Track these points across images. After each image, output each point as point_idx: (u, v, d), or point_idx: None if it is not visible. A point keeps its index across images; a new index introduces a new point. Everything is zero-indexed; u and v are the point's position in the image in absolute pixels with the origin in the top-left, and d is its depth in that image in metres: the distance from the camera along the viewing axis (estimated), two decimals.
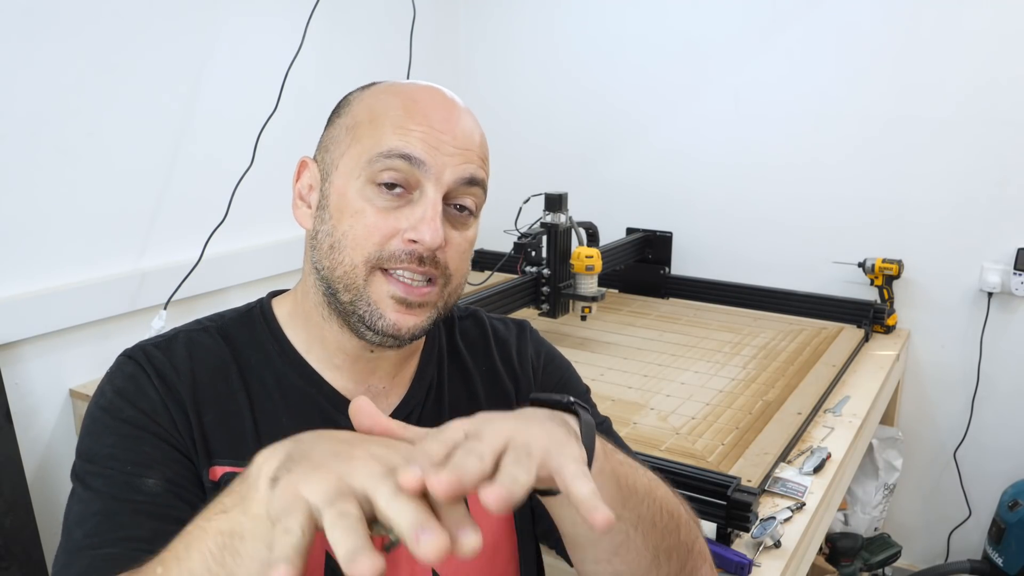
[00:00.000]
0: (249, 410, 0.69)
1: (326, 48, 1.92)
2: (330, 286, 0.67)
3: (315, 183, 0.70)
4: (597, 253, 1.69)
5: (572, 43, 2.28)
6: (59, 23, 1.41)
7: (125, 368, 0.70)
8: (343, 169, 0.66)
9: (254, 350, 0.72)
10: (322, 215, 0.68)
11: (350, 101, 0.70)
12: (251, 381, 0.71)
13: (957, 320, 1.92)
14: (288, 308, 0.75)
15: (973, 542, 2.00)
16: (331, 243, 0.66)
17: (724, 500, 1.02)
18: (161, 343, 0.72)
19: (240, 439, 0.68)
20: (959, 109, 1.82)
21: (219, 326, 0.74)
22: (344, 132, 0.68)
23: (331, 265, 0.66)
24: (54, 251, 1.47)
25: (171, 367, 0.69)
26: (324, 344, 0.71)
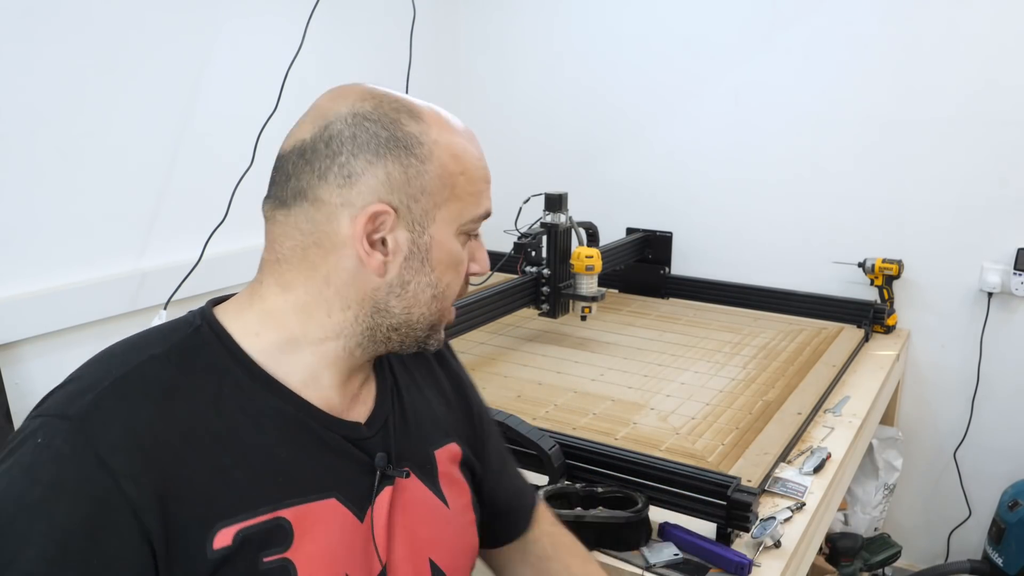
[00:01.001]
0: (240, 452, 0.62)
1: (326, 48, 1.92)
2: (412, 328, 0.69)
3: (393, 228, 0.65)
4: (597, 253, 1.69)
5: (572, 43, 2.28)
6: (59, 23, 1.41)
7: (59, 446, 0.55)
8: (442, 223, 0.67)
9: (220, 378, 0.63)
10: (418, 267, 0.67)
11: (422, 141, 0.66)
12: (229, 417, 0.62)
13: (957, 320, 1.92)
14: (251, 327, 0.67)
15: (973, 542, 2.00)
16: (434, 294, 0.69)
17: (724, 500, 1.02)
18: (108, 394, 0.59)
19: (244, 488, 0.61)
20: (959, 110, 1.82)
21: (167, 351, 0.63)
22: (438, 183, 0.66)
23: (428, 312, 0.69)
24: (54, 251, 1.47)
25: (131, 439, 0.57)
26: (325, 366, 0.68)
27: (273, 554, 0.61)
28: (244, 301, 0.69)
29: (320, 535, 0.64)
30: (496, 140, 2.47)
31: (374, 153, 0.64)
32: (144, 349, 0.64)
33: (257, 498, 0.61)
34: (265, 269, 0.68)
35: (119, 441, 0.56)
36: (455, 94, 2.48)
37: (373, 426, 0.72)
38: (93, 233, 1.52)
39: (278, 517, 0.62)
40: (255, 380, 0.65)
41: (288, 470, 0.64)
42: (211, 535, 0.59)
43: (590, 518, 1.04)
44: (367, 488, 0.69)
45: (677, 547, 1.04)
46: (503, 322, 1.85)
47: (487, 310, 1.61)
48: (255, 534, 0.60)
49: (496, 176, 0.75)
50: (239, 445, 0.62)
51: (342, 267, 0.66)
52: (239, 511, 0.60)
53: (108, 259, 1.56)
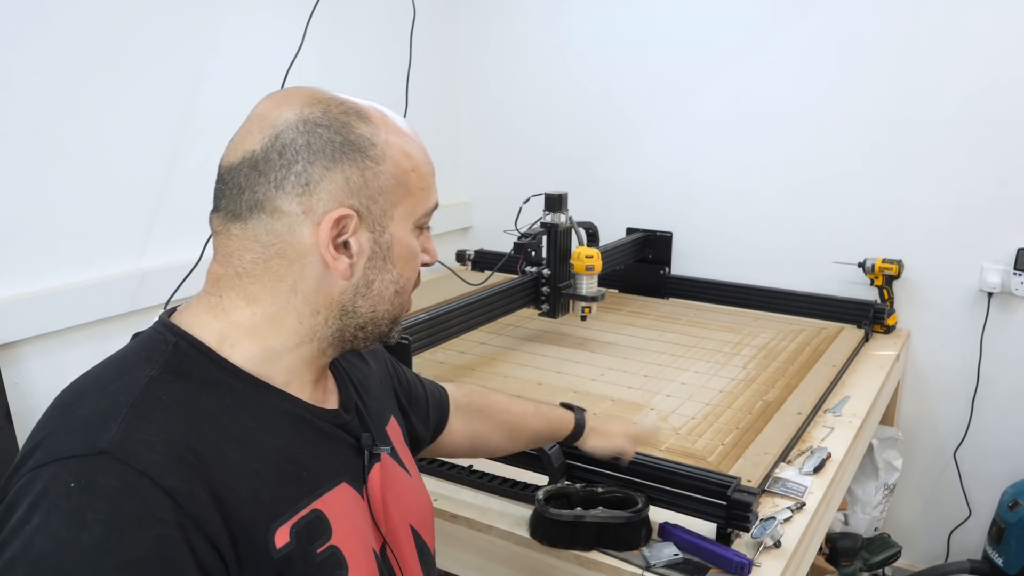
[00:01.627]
0: (264, 455, 0.63)
1: (326, 48, 1.92)
2: (377, 326, 0.71)
3: (356, 230, 0.66)
4: (597, 253, 1.69)
5: (572, 44, 2.28)
6: (59, 23, 1.41)
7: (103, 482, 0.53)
8: (399, 220, 0.69)
9: (219, 389, 0.64)
10: (381, 265, 0.69)
11: (374, 143, 0.66)
12: (243, 423, 0.63)
13: (957, 320, 1.92)
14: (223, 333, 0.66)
15: (973, 542, 2.00)
16: (396, 290, 0.70)
17: (724, 500, 1.02)
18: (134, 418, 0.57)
19: (280, 487, 0.63)
20: (959, 110, 1.82)
21: (162, 372, 0.62)
22: (392, 182, 0.67)
23: (391, 308, 0.71)
24: (54, 251, 1.47)
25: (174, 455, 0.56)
26: (301, 365, 0.69)
27: (322, 544, 0.64)
28: (206, 315, 0.66)
29: (347, 518, 0.68)
30: (496, 140, 2.47)
31: (330, 159, 0.64)
32: (135, 373, 0.61)
33: (293, 494, 0.64)
34: (223, 283, 0.66)
35: (165, 461, 0.55)
36: (455, 94, 2.48)
37: (348, 411, 0.75)
38: (93, 233, 1.52)
39: (315, 509, 0.65)
40: (248, 385, 0.65)
41: (307, 463, 0.66)
42: (271, 535, 0.60)
43: (590, 518, 1.04)
44: (360, 468, 0.73)
45: (677, 547, 1.04)
46: (503, 322, 1.85)
47: (487, 310, 1.61)
48: (303, 528, 0.63)
49: (496, 176, 0.76)
50: (260, 448, 0.63)
51: (308, 274, 0.66)
52: (285, 509, 0.62)
53: (108, 259, 1.56)
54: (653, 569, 1.01)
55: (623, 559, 1.03)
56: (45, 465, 0.54)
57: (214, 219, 0.67)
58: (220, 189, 0.67)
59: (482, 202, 2.54)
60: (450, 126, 2.48)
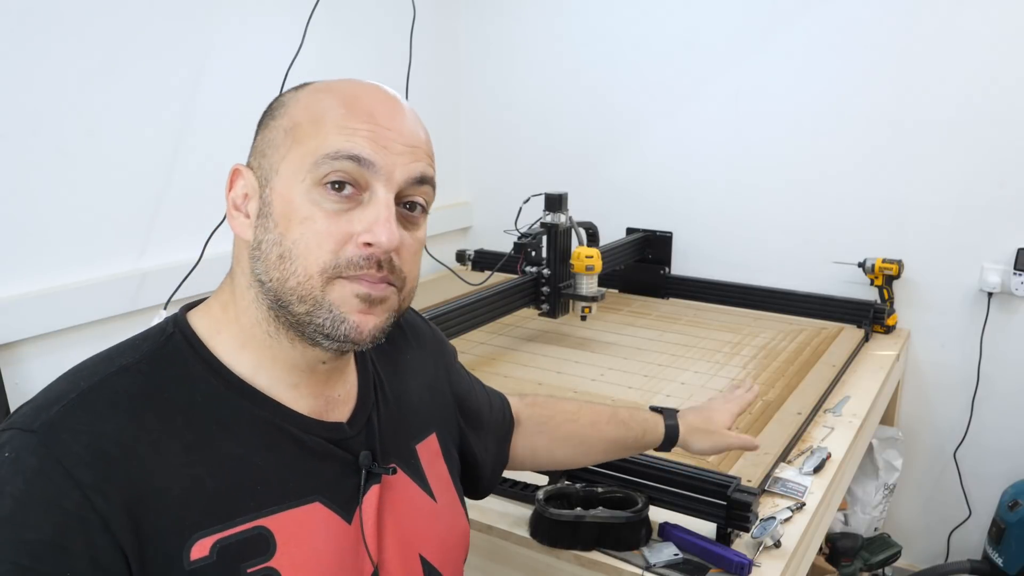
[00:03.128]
0: (214, 462, 0.60)
1: (326, 48, 1.92)
2: (280, 299, 0.62)
3: (252, 191, 0.65)
4: (597, 253, 1.69)
5: (572, 43, 2.28)
6: (59, 23, 1.41)
7: (26, 459, 0.54)
8: (285, 173, 0.62)
9: (194, 386, 0.62)
10: (265, 223, 0.63)
11: (284, 102, 0.66)
12: (203, 426, 0.61)
13: (957, 320, 1.92)
14: (217, 327, 0.65)
15: (973, 542, 2.00)
16: (280, 253, 0.61)
17: (724, 500, 1.02)
18: (75, 406, 0.57)
19: (219, 498, 0.60)
20: (960, 110, 1.82)
21: (138, 362, 0.61)
22: (282, 135, 0.64)
23: (281, 276, 0.61)
24: (54, 251, 1.47)
25: (97, 449, 0.55)
26: (275, 364, 0.65)
27: (256, 564, 0.60)
28: (212, 300, 0.69)
29: (305, 541, 0.63)
30: (496, 140, 2.47)
31: (260, 125, 0.67)
32: (115, 360, 0.62)
33: (233, 508, 0.60)
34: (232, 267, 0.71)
35: (85, 453, 0.55)
36: (455, 94, 2.48)
37: (356, 425, 0.71)
38: (93, 233, 1.52)
39: (258, 526, 0.61)
40: (230, 387, 0.63)
41: (267, 477, 0.62)
42: (187, 546, 0.57)
43: (590, 518, 1.04)
44: (354, 489, 0.68)
45: (677, 547, 1.04)
46: (503, 322, 1.85)
47: (487, 310, 1.61)
48: (234, 545, 0.59)
49: (496, 176, 0.75)
50: (213, 455, 0.60)
51: (239, 250, 0.67)
52: (215, 522, 0.59)
53: (108, 259, 1.56)
54: (653, 569, 1.01)
55: (623, 559, 1.03)
56: (7, 430, 0.56)
57: None
58: None
59: (482, 202, 2.54)
60: (450, 126, 2.48)
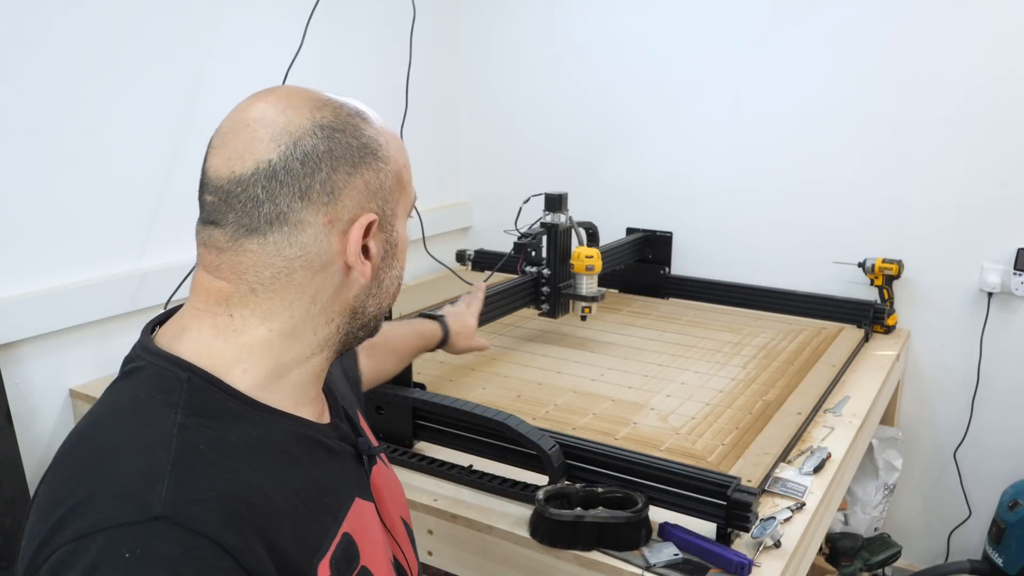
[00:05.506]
0: (293, 488, 0.61)
1: (326, 48, 1.93)
2: (376, 322, 0.72)
3: (375, 233, 0.67)
4: (597, 253, 1.69)
5: (572, 44, 2.28)
6: (59, 23, 1.42)
7: (161, 549, 0.50)
8: (400, 215, 0.70)
9: (242, 424, 0.61)
10: (391, 263, 0.70)
11: (380, 144, 0.66)
12: (272, 458, 0.61)
13: (957, 320, 1.92)
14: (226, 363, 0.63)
15: (973, 542, 2.00)
16: (399, 283, 0.72)
17: (724, 500, 1.02)
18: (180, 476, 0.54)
19: (313, 519, 0.61)
20: (960, 110, 1.82)
21: (188, 418, 0.58)
22: (395, 181, 0.68)
23: (390, 302, 0.72)
24: (54, 251, 1.47)
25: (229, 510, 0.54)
26: (297, 381, 0.66)
27: (354, 568, 0.64)
28: (211, 337, 0.63)
29: (369, 535, 0.69)
30: (496, 140, 2.47)
31: (351, 164, 0.63)
32: (160, 422, 0.57)
33: (325, 524, 0.63)
34: (234, 302, 0.63)
35: (222, 518, 0.53)
36: (455, 94, 2.48)
37: (341, 419, 0.74)
38: (93, 233, 1.52)
39: (344, 534, 0.65)
40: (264, 415, 0.63)
41: (328, 487, 0.66)
42: (315, 573, 0.59)
43: (590, 518, 1.04)
44: (364, 475, 0.74)
45: (677, 547, 1.04)
46: (503, 322, 1.85)
47: (487, 310, 1.61)
48: (339, 557, 0.63)
49: (496, 176, 0.76)
50: (293, 481, 0.61)
51: (329, 283, 0.65)
52: (322, 542, 0.61)
53: (108, 259, 1.56)
54: (653, 569, 1.01)
55: (623, 559, 1.03)
56: (91, 535, 0.50)
57: (216, 235, 0.62)
58: (223, 203, 0.61)
59: (482, 202, 2.54)
60: (450, 126, 2.48)
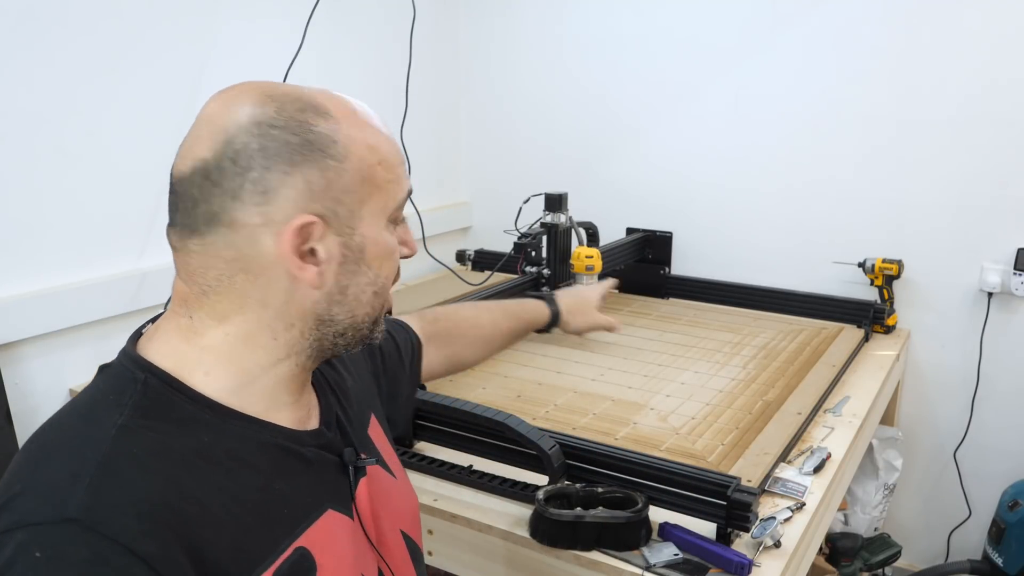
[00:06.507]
0: (244, 497, 0.59)
1: (326, 49, 1.93)
2: (348, 331, 0.66)
3: (322, 236, 0.62)
4: (597, 253, 1.69)
5: (572, 44, 2.28)
6: (60, 24, 1.42)
7: (71, 553, 0.49)
8: (369, 218, 0.64)
9: (195, 428, 0.59)
10: (356, 268, 0.64)
11: (335, 140, 0.61)
12: (221, 464, 0.59)
13: (957, 320, 1.92)
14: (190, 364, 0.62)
15: (973, 542, 2.00)
16: (375, 291, 0.67)
17: (724, 500, 1.02)
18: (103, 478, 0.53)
19: (261, 530, 0.60)
20: (960, 110, 1.82)
21: (132, 419, 0.57)
22: (358, 180, 0.63)
23: (372, 311, 0.67)
24: (54, 251, 1.47)
25: (149, 517, 0.52)
26: (277, 388, 0.65)
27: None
28: (176, 339, 0.63)
29: (333, 549, 0.65)
30: (496, 140, 2.47)
31: (288, 162, 0.59)
32: (103, 422, 0.57)
33: (275, 537, 0.61)
34: (191, 303, 0.63)
35: (139, 525, 0.51)
36: (455, 94, 2.48)
37: (330, 426, 0.72)
38: (93, 233, 1.52)
39: (298, 547, 0.62)
40: (227, 420, 0.61)
41: (288, 498, 0.63)
42: None
43: (590, 518, 1.04)
44: (347, 486, 0.71)
45: (677, 547, 1.04)
46: None
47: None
48: (286, 571, 0.60)
49: (496, 176, 0.76)
50: (241, 491, 0.60)
51: (276, 287, 0.62)
52: (267, 554, 0.59)
53: (108, 259, 1.56)
54: (653, 569, 1.01)
55: (623, 559, 1.03)
56: (11, 531, 0.50)
57: (171, 234, 0.63)
58: (173, 201, 0.62)
59: (482, 202, 2.54)
60: (450, 126, 2.49)
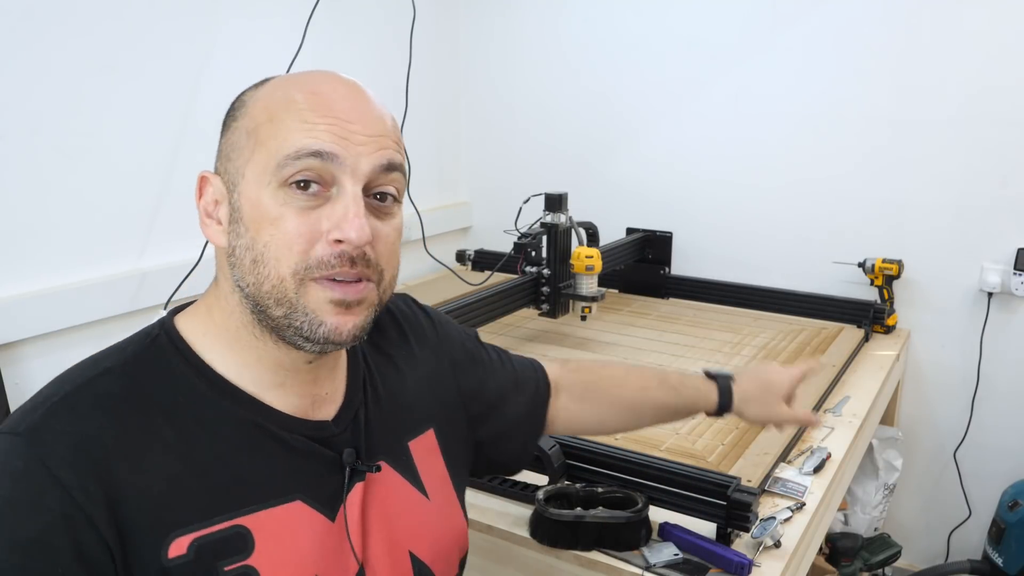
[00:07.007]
0: (194, 462, 0.61)
1: (326, 49, 1.92)
2: (258, 303, 0.62)
3: (221, 196, 0.64)
4: (597, 253, 1.69)
5: (572, 44, 2.28)
6: (59, 23, 1.41)
7: (12, 462, 0.56)
8: (251, 177, 0.61)
9: (177, 388, 0.63)
10: (236, 229, 0.62)
11: (244, 101, 0.65)
12: (185, 426, 0.61)
13: (957, 320, 1.92)
14: (203, 329, 0.66)
15: (973, 542, 2.00)
16: (253, 257, 0.61)
17: (724, 500, 1.02)
18: (59, 408, 0.58)
19: (198, 497, 0.60)
20: (960, 110, 1.82)
21: (122, 364, 0.63)
22: (245, 137, 0.62)
23: (256, 281, 0.61)
24: (54, 251, 1.47)
25: (79, 450, 0.57)
26: (261, 364, 0.65)
27: (234, 562, 0.61)
28: (199, 303, 0.69)
29: (285, 539, 0.64)
30: (496, 140, 2.47)
31: (224, 127, 0.66)
32: (100, 363, 0.63)
33: (212, 507, 0.61)
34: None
35: (67, 454, 0.56)
36: (455, 94, 2.48)
37: (341, 422, 0.70)
38: (93, 233, 1.52)
39: (236, 525, 0.61)
40: (213, 388, 0.64)
41: (246, 477, 0.63)
42: (166, 544, 0.58)
43: (590, 518, 1.04)
44: (337, 487, 0.68)
45: (677, 547, 1.04)
46: (503, 322, 1.85)
47: (487, 310, 1.61)
48: (211, 543, 0.60)
49: (496, 176, 0.75)
50: (194, 454, 0.61)
51: (217, 250, 0.67)
52: (194, 520, 0.60)
53: (108, 259, 1.56)
54: (653, 569, 1.01)
55: (623, 559, 1.03)
56: (16, 421, 0.58)
57: None
58: None
59: (482, 202, 2.54)
60: (450, 126, 2.48)
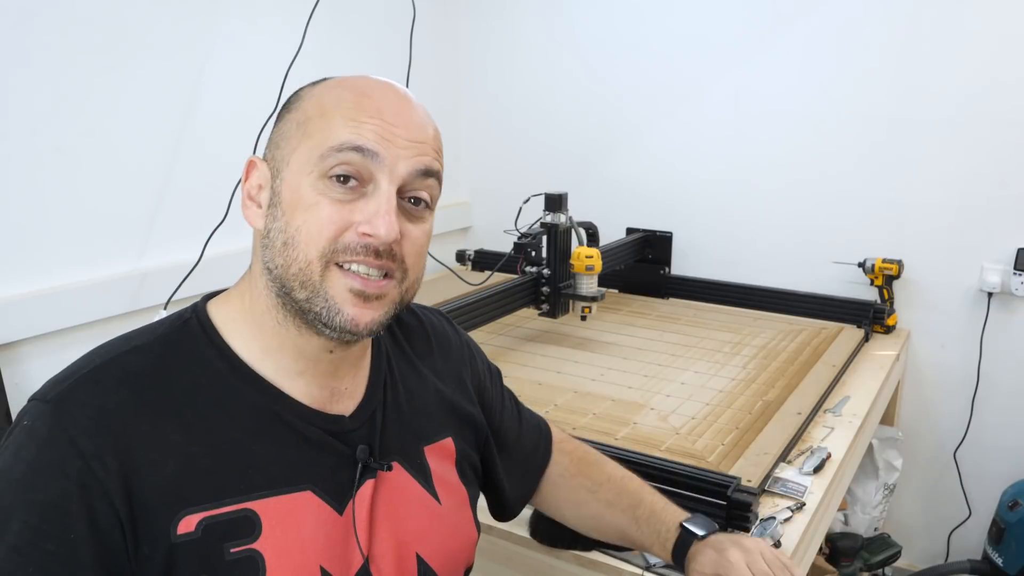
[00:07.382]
0: (211, 443, 0.63)
1: (326, 48, 1.92)
2: (284, 285, 0.65)
3: (265, 182, 0.67)
4: (597, 253, 1.69)
5: (572, 44, 2.28)
6: (59, 23, 1.41)
7: (39, 428, 0.59)
8: (295, 165, 0.65)
9: (201, 369, 0.66)
10: (274, 213, 0.65)
11: (300, 96, 0.69)
12: (204, 408, 0.64)
13: (957, 320, 1.92)
14: (232, 315, 0.69)
15: (973, 542, 2.00)
16: (284, 240, 0.64)
17: (724, 500, 1.02)
18: (86, 380, 0.62)
19: (211, 478, 0.62)
20: (960, 110, 1.82)
21: (151, 343, 0.66)
22: (295, 128, 0.66)
23: (285, 263, 0.64)
24: (54, 251, 1.47)
25: (100, 421, 0.60)
26: (283, 351, 0.68)
27: (240, 545, 0.62)
28: (232, 290, 0.72)
29: (292, 527, 0.65)
30: (496, 140, 2.47)
31: (278, 118, 0.70)
32: (132, 340, 0.66)
33: (223, 489, 0.63)
34: None
35: (89, 424, 0.59)
36: (455, 94, 2.48)
37: (358, 419, 0.72)
38: (93, 233, 1.52)
39: (245, 509, 0.63)
40: (235, 373, 0.67)
41: (259, 463, 0.65)
42: (175, 520, 0.60)
43: None
44: (349, 481, 0.70)
45: None
46: (503, 322, 1.85)
47: (487, 310, 1.61)
48: (220, 524, 0.62)
49: (496, 176, 0.75)
50: (211, 436, 0.64)
51: (254, 234, 0.69)
52: (204, 500, 0.62)
53: (108, 259, 1.56)
54: (653, 569, 1.01)
55: (623, 559, 1.03)
56: (31, 400, 0.62)
57: None
58: None
59: (482, 202, 2.54)
60: (450, 126, 2.48)
